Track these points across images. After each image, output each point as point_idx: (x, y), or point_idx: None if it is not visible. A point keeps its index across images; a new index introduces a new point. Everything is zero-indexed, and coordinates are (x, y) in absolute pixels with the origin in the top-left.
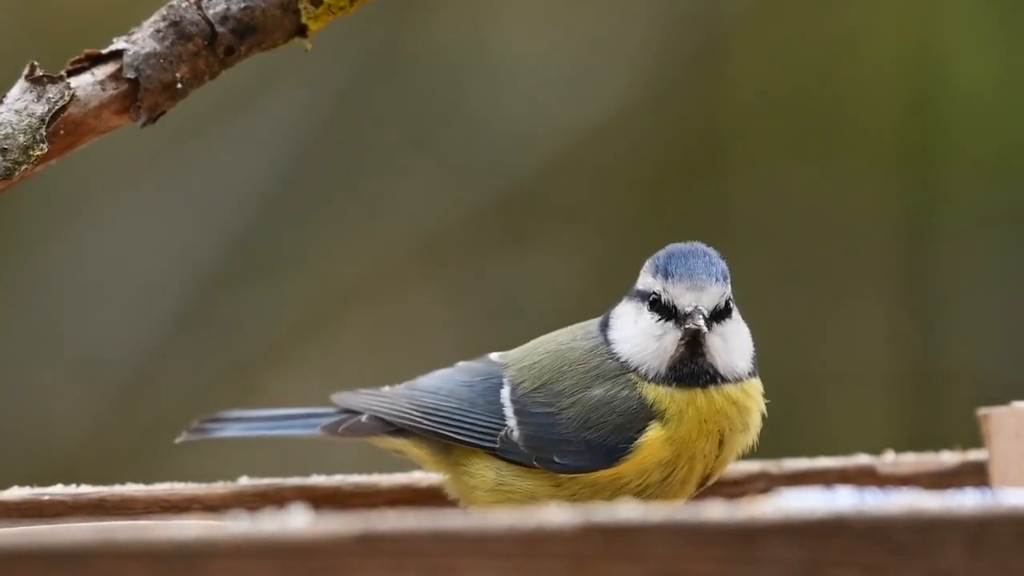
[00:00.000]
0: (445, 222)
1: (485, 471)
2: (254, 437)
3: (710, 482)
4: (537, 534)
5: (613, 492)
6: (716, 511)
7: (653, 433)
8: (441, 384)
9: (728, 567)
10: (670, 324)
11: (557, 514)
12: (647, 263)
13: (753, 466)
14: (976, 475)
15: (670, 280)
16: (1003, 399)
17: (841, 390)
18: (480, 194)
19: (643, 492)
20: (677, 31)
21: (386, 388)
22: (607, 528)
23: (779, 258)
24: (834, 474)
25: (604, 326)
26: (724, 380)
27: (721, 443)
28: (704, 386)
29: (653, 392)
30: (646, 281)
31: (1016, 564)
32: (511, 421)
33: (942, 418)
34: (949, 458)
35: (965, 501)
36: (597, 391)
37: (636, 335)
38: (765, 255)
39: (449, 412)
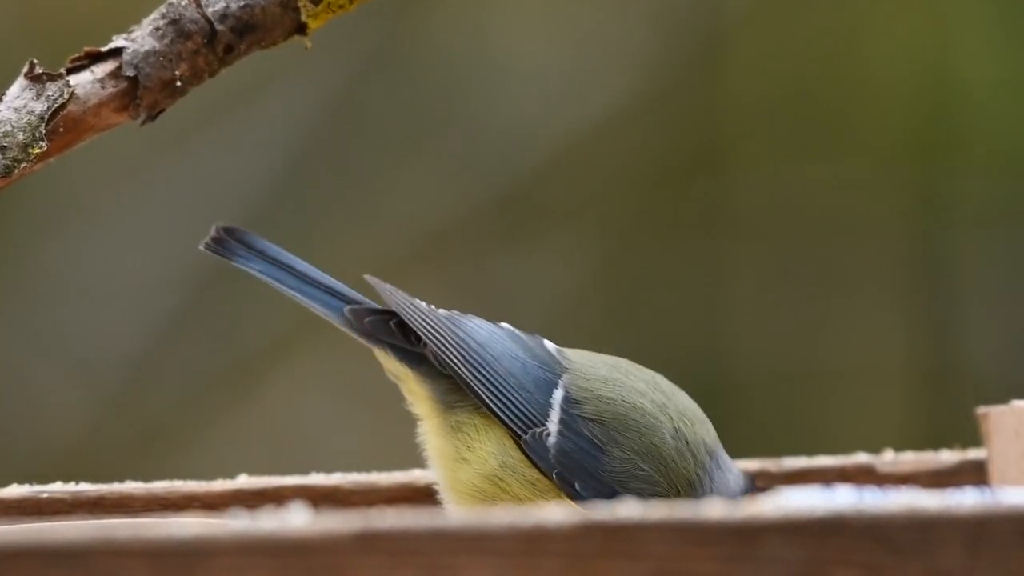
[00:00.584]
0: (445, 220)
1: (488, 454)
2: (271, 285)
3: None
4: (536, 532)
5: None
6: (715, 510)
7: None
8: (490, 342)
9: (727, 566)
10: None
11: (556, 513)
12: None
13: (752, 464)
14: (975, 474)
15: None
16: (1003, 398)
17: (841, 389)
18: (480, 193)
19: None
20: (677, 30)
21: (421, 303)
22: (607, 527)
23: (779, 258)
24: (833, 473)
25: (712, 455)
26: None
27: None
28: None
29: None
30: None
31: (1015, 563)
32: (552, 427)
33: (942, 417)
34: (948, 457)
35: (964, 500)
36: (651, 472)
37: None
38: (765, 254)
39: (494, 377)
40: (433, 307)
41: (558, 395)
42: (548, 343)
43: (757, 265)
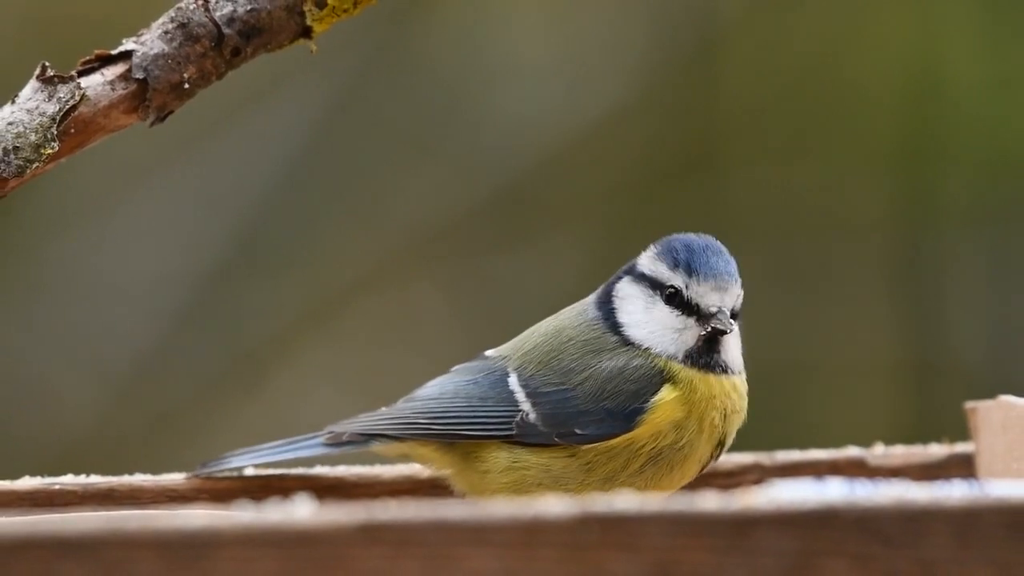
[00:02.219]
0: (445, 219)
1: (498, 454)
2: (263, 464)
3: (714, 459)
4: (536, 524)
5: (628, 457)
6: (710, 502)
7: (667, 392)
8: (443, 388)
9: (722, 556)
10: (691, 320)
11: (555, 504)
12: (658, 250)
13: (746, 458)
14: (963, 467)
15: (694, 278)
16: (990, 393)
17: (832, 384)
18: (478, 192)
19: (656, 457)
20: (672, 32)
21: (383, 408)
22: (604, 518)
23: (772, 255)
24: (825, 466)
25: (603, 303)
26: (731, 373)
27: (724, 419)
28: (717, 374)
29: (668, 363)
30: (659, 270)
31: (1002, 553)
32: (525, 405)
33: (930, 411)
34: (937, 450)
35: (953, 492)
36: (607, 363)
37: (650, 323)
38: (758, 252)
39: (459, 411)
40: (392, 404)
41: (512, 380)
42: (488, 351)
43: (751, 264)
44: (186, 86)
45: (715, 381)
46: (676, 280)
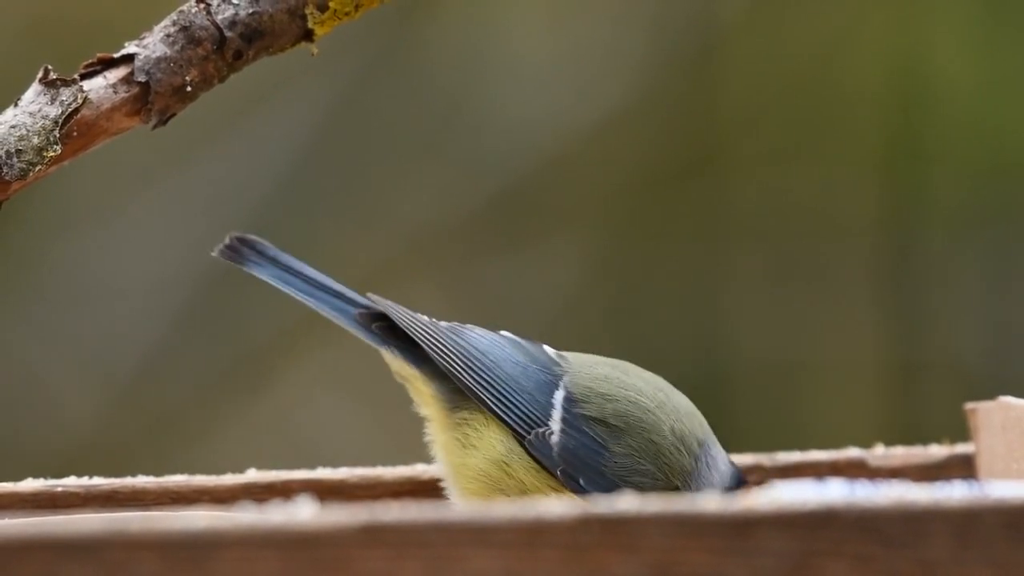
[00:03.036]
0: (445, 222)
1: (495, 442)
2: (282, 290)
3: None
4: (537, 525)
5: None
6: (711, 503)
7: None
8: (491, 349)
9: (723, 557)
10: None
11: (556, 505)
12: None
13: (747, 459)
14: (963, 468)
15: None
16: (990, 393)
17: (832, 385)
18: (480, 195)
19: None
20: (672, 36)
21: (423, 317)
22: (605, 519)
23: (772, 256)
24: (825, 467)
25: (701, 446)
26: None
27: None
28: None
29: None
30: None
31: (1002, 554)
32: (555, 425)
33: (930, 412)
34: (937, 451)
35: (953, 493)
36: (650, 467)
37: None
38: (758, 253)
39: (496, 382)
40: (434, 320)
41: (559, 395)
42: (548, 348)
43: (751, 266)
44: (188, 89)
45: None
46: None
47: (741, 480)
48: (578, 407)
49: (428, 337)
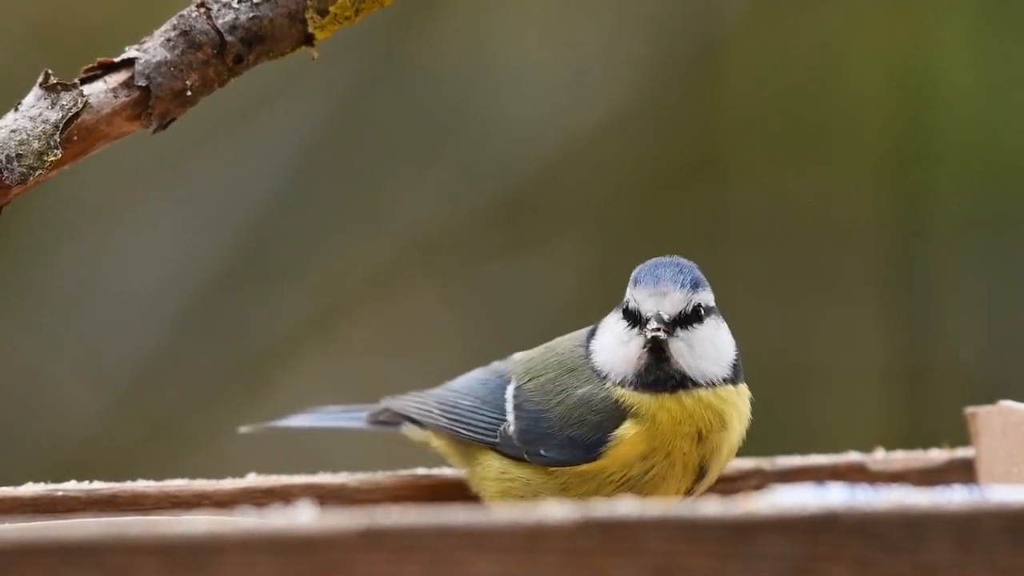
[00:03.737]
0: (447, 226)
1: (491, 460)
2: (311, 429)
3: (708, 479)
4: (537, 529)
5: (599, 483)
6: (712, 507)
7: (627, 429)
8: (465, 382)
9: (723, 561)
10: (635, 331)
11: (557, 510)
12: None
13: (747, 463)
14: (964, 472)
15: (637, 287)
16: (990, 397)
17: (833, 389)
18: (481, 199)
19: (626, 483)
20: (672, 40)
21: (431, 391)
22: (605, 523)
23: (773, 260)
24: (826, 471)
25: (591, 334)
26: (695, 384)
27: (700, 442)
28: (672, 390)
29: (624, 395)
30: (627, 293)
31: (1002, 558)
32: (510, 416)
33: (931, 416)
34: (937, 455)
35: (953, 497)
36: (578, 391)
37: (610, 343)
38: (759, 257)
39: (462, 409)
40: (433, 389)
41: (509, 389)
42: (517, 354)
43: (752, 268)
44: (188, 93)
45: (676, 406)
46: (628, 295)
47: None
48: (520, 388)
49: (416, 404)
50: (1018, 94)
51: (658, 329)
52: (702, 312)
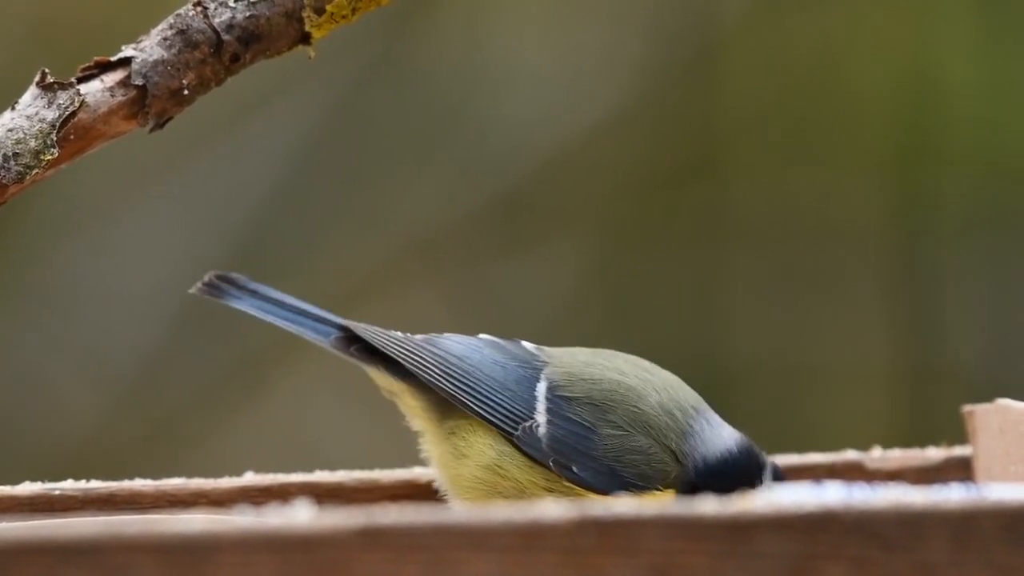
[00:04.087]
0: (445, 226)
1: (485, 448)
2: (262, 319)
3: None
4: (534, 528)
5: None
6: (709, 505)
7: (668, 495)
8: (469, 353)
9: (720, 560)
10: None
11: (554, 508)
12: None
13: None
14: (961, 470)
15: None
16: (989, 396)
17: (832, 388)
18: (479, 198)
19: None
20: (671, 39)
21: (398, 333)
22: (602, 522)
23: (773, 260)
24: (823, 469)
25: (696, 410)
26: None
27: None
28: None
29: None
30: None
31: (999, 556)
32: (540, 417)
33: (930, 415)
34: (935, 454)
35: (951, 495)
36: (642, 441)
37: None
38: (759, 257)
39: (477, 384)
40: (408, 335)
41: (541, 387)
42: (527, 344)
43: (751, 268)
44: (185, 92)
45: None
46: None
47: (776, 472)
48: (561, 395)
49: (405, 352)
50: (1020, 94)
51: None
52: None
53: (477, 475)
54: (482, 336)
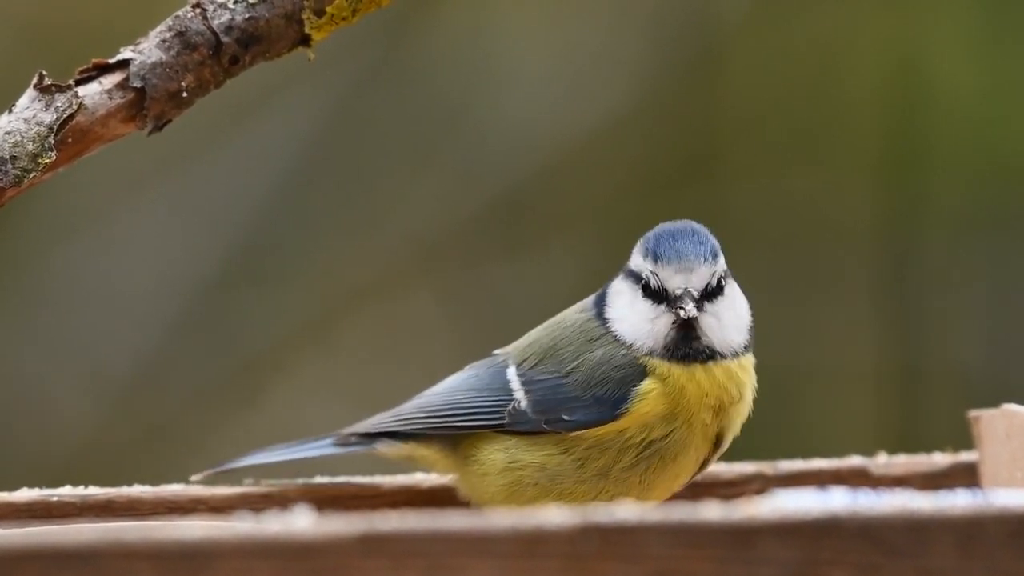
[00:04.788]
0: (445, 228)
1: (494, 455)
2: (273, 462)
3: (721, 449)
4: (537, 534)
5: (619, 450)
6: (712, 511)
7: (649, 385)
8: (448, 384)
9: (724, 567)
10: (662, 308)
11: (556, 515)
12: (639, 242)
13: (748, 467)
14: (967, 476)
15: (659, 263)
16: (992, 400)
17: (834, 392)
18: (479, 200)
19: (646, 450)
20: (672, 41)
21: (404, 404)
22: (605, 528)
23: (771, 261)
24: (828, 475)
25: (600, 302)
26: (722, 356)
27: (720, 412)
28: (703, 362)
29: (647, 359)
30: (637, 262)
31: (1006, 563)
32: (519, 394)
33: (932, 419)
34: (940, 459)
35: (956, 501)
36: (597, 352)
37: (631, 316)
38: (757, 259)
39: (455, 403)
40: (402, 404)
41: (511, 371)
42: (497, 350)
43: (750, 270)
44: (184, 95)
45: (702, 374)
46: (646, 269)
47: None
48: (526, 367)
49: (391, 419)
50: (1016, 94)
51: (689, 310)
52: (723, 282)
53: (501, 482)
54: (469, 365)
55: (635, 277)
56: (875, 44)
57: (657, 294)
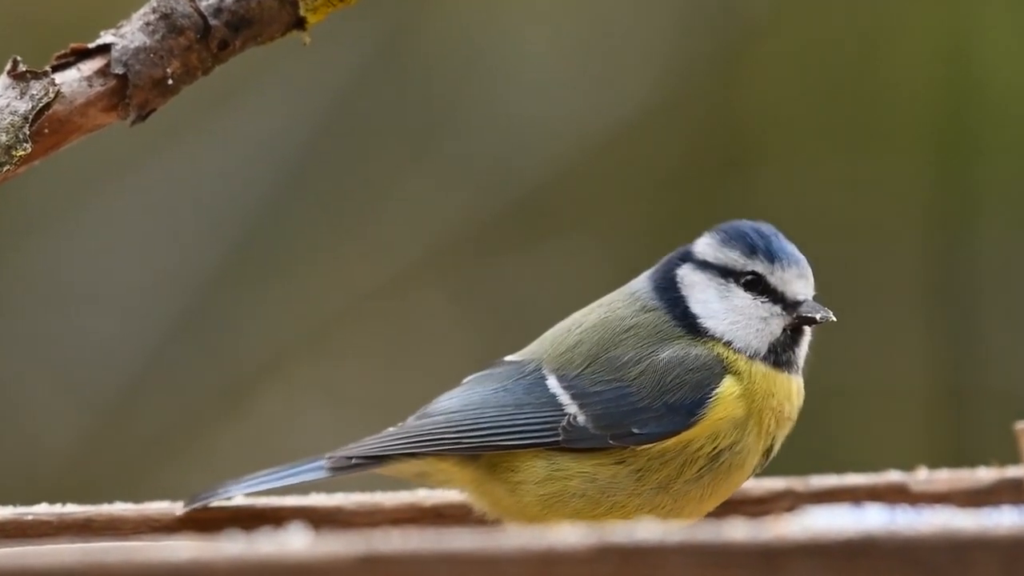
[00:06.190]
0: (455, 226)
1: (534, 461)
2: (263, 491)
3: (761, 468)
4: (550, 555)
5: (684, 462)
6: (739, 531)
7: (730, 385)
8: (467, 400)
9: None
10: (777, 308)
11: (571, 534)
12: (721, 236)
13: (778, 483)
14: (1013, 492)
15: (777, 264)
16: None
17: (871, 404)
18: (491, 197)
19: (714, 460)
20: (697, 28)
21: (390, 429)
22: (623, 549)
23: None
24: (863, 491)
25: (664, 292)
26: (799, 370)
27: (779, 424)
28: (789, 372)
29: (728, 354)
30: (730, 256)
31: None
32: (571, 408)
33: (976, 433)
34: (985, 475)
35: (1002, 520)
36: (664, 353)
37: (731, 313)
38: None
39: (492, 421)
40: (398, 425)
41: (552, 382)
42: (508, 357)
43: None
44: (169, 82)
45: (782, 380)
46: (756, 266)
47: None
48: (572, 375)
49: (408, 440)
50: None
51: (827, 316)
52: None
53: (540, 492)
54: (466, 380)
55: (722, 271)
56: (918, 28)
57: (772, 294)
